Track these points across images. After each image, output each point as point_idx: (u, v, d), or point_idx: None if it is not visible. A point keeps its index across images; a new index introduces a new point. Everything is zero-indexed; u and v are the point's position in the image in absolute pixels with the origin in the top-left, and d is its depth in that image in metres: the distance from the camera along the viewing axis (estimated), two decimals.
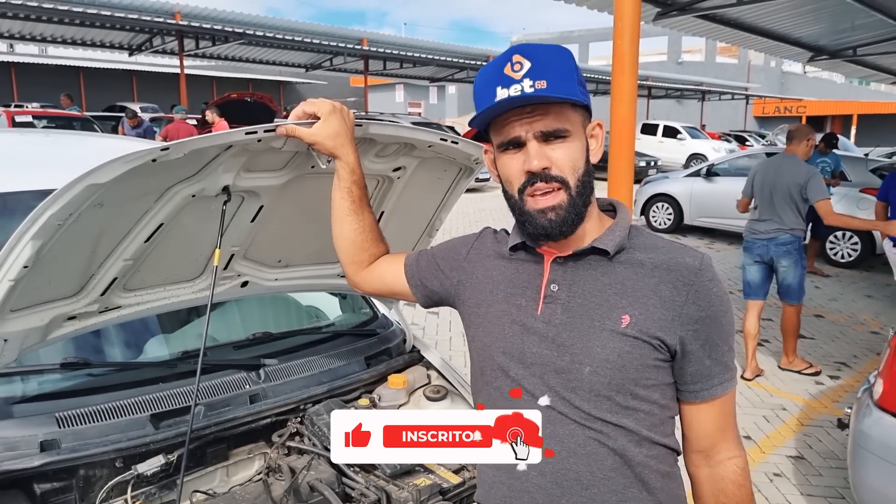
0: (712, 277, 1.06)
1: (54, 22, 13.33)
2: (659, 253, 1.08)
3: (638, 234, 1.12)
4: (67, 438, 1.49)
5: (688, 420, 1.11)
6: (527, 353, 1.08)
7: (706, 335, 1.05)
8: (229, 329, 2.17)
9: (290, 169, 1.52)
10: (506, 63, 1.02)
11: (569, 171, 1.03)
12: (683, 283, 1.04)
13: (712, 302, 1.04)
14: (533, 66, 1.00)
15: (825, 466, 3.56)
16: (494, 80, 1.02)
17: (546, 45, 1.05)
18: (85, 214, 1.27)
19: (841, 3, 6.80)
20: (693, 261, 1.06)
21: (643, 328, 1.02)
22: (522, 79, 1.00)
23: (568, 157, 1.03)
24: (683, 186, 10.33)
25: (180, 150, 1.20)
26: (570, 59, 1.05)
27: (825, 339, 5.74)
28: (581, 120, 1.06)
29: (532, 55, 1.01)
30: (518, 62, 1.01)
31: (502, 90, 1.01)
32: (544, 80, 1.00)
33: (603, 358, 1.03)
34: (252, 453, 1.80)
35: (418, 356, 2.22)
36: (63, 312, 1.50)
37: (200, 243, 1.59)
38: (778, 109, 36.78)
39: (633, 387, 1.03)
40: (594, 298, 1.05)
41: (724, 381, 1.08)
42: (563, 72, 1.02)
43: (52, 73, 23.16)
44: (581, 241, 1.09)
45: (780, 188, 4.45)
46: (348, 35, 17.33)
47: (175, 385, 1.71)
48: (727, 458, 1.10)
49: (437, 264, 1.29)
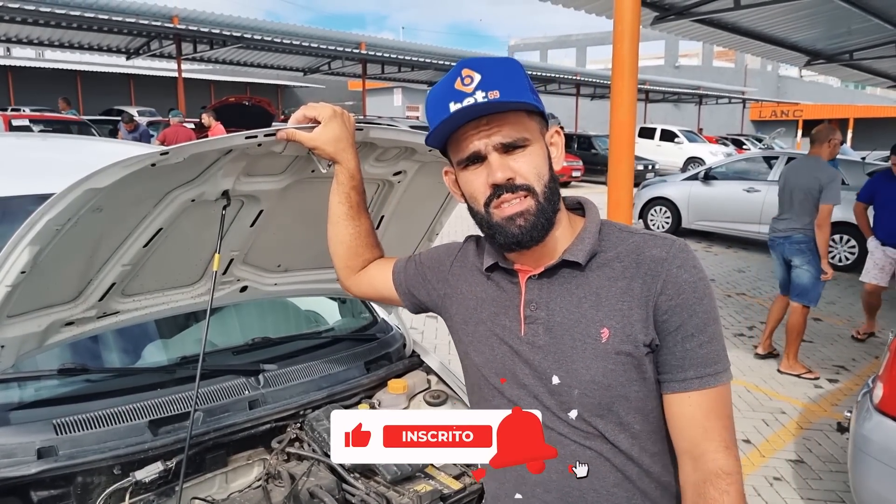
0: (682, 264, 1.02)
1: (51, 25, 13.31)
2: (629, 249, 1.06)
3: (608, 231, 1.10)
4: (65, 445, 1.48)
5: (667, 414, 1.06)
6: (519, 375, 1.08)
7: (678, 323, 1.01)
8: (228, 334, 2.16)
9: (290, 173, 1.52)
10: (456, 78, 1.01)
11: (534, 178, 1.02)
12: (652, 276, 1.02)
13: (682, 289, 1.01)
14: (483, 78, 1.00)
15: (825, 470, 3.56)
16: (446, 96, 1.01)
17: (494, 57, 1.05)
18: (83, 219, 1.26)
19: (837, 8, 6.82)
20: (660, 251, 1.03)
21: (624, 337, 1.01)
22: (474, 91, 0.99)
23: (531, 165, 1.02)
24: (681, 190, 10.34)
25: (180, 155, 1.19)
26: (519, 69, 1.04)
27: (823, 342, 5.74)
28: (538, 127, 1.05)
29: (482, 68, 1.01)
30: (468, 76, 1.00)
31: (455, 104, 1.00)
32: (496, 90, 0.99)
33: (589, 379, 1.02)
34: (251, 459, 1.78)
35: (418, 361, 2.21)
36: (61, 318, 1.48)
37: (200, 248, 1.58)
38: (774, 113, 36.91)
39: (625, 402, 1.03)
40: (572, 315, 1.04)
41: (702, 375, 1.01)
42: (514, 81, 1.01)
43: (49, 77, 23.13)
44: (553, 253, 1.07)
45: (799, 188, 4.56)
46: (346, 39, 17.34)
47: (174, 391, 1.70)
48: (712, 460, 1.01)
49: (423, 274, 1.29)
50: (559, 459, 1.05)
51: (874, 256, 5.29)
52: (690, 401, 1.02)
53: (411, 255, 1.36)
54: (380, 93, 32.61)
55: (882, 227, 5.22)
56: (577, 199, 1.17)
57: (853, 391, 4.64)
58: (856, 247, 8.17)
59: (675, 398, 1.03)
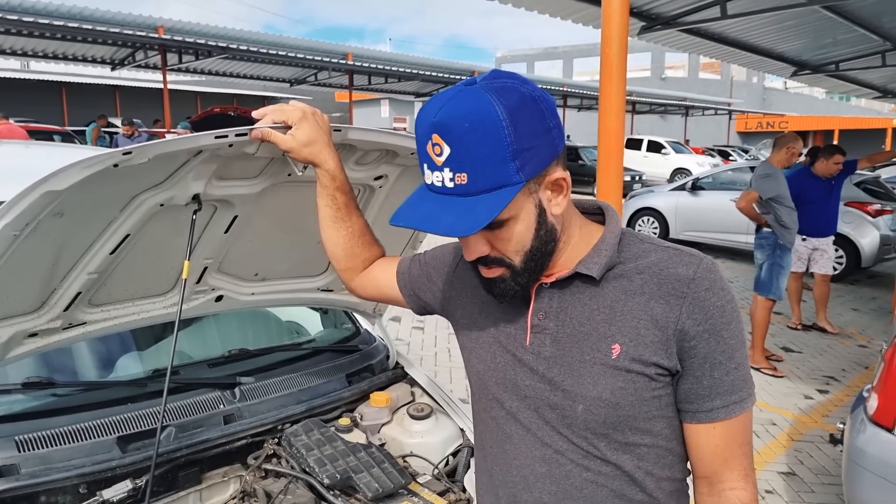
0: (710, 286, 0.94)
1: (35, 36, 13.19)
2: (650, 264, 0.98)
3: (629, 241, 1.02)
4: (28, 463, 1.41)
5: (688, 442, 1.01)
6: (520, 386, 1.02)
7: (705, 352, 0.94)
8: (205, 346, 2.09)
9: (266, 177, 1.45)
10: (427, 140, 0.89)
11: (511, 252, 0.95)
12: (676, 297, 0.94)
13: (710, 314, 0.93)
14: (452, 154, 0.87)
15: (817, 483, 3.51)
16: (422, 153, 0.92)
17: (470, 112, 0.86)
18: (43, 224, 1.19)
19: (823, 18, 6.87)
20: (686, 270, 0.95)
21: (635, 356, 0.94)
22: (443, 166, 0.88)
23: (509, 242, 0.94)
24: (668, 200, 10.36)
25: (144, 155, 1.13)
26: (498, 132, 0.85)
27: (813, 352, 5.72)
28: (526, 192, 0.91)
29: (451, 137, 0.86)
30: (437, 144, 0.88)
31: (428, 171, 0.91)
32: (464, 172, 0.87)
33: (595, 396, 0.95)
34: (227, 476, 1.71)
35: (402, 373, 2.15)
36: (23, 329, 1.41)
37: (171, 256, 1.51)
38: (760, 125, 37.30)
39: (631, 422, 0.96)
40: (582, 328, 0.97)
41: (728, 403, 0.96)
42: (490, 157, 0.86)
43: (35, 88, 22.93)
44: (567, 263, 1.00)
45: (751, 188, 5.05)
46: (332, 49, 17.29)
47: (144, 405, 1.63)
48: (729, 488, 0.99)
49: (428, 274, 1.23)
50: (553, 481, 1.00)
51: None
52: (714, 431, 0.97)
53: (415, 255, 1.29)
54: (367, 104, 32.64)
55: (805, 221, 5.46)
56: (597, 205, 1.09)
57: (844, 402, 4.61)
58: (843, 257, 8.20)
59: (699, 428, 0.98)
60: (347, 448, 1.71)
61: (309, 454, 1.64)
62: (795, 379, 5.06)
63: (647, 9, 6.46)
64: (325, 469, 1.61)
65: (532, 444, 1.02)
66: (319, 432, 1.73)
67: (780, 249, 4.88)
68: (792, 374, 5.13)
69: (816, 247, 5.84)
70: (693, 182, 10.38)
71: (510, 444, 1.04)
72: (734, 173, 10.83)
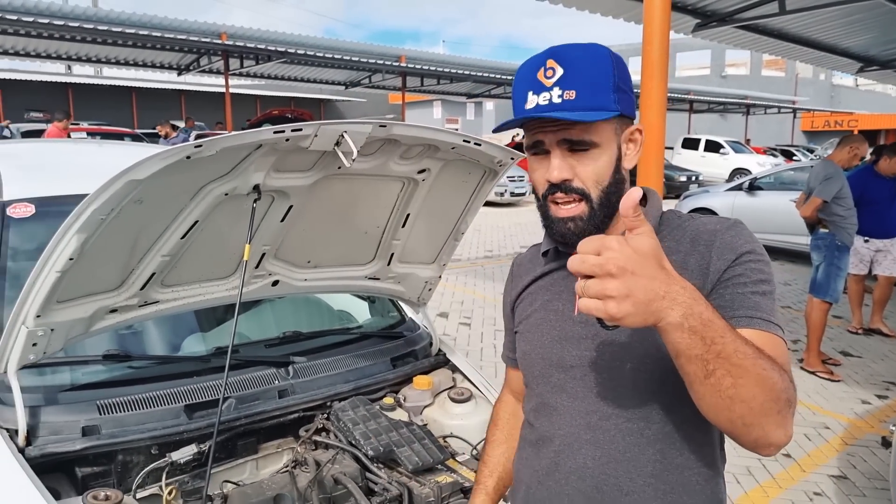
0: (737, 233, 1.00)
1: (108, 44, 13.93)
2: (687, 231, 1.04)
3: (670, 218, 1.08)
4: (107, 425, 1.57)
5: None
6: (566, 357, 1.07)
7: (730, 275, 0.97)
8: (262, 328, 2.25)
9: (318, 169, 1.58)
10: (540, 67, 1.00)
11: (591, 183, 1.01)
12: (706, 246, 1.00)
13: (735, 247, 0.98)
14: (565, 74, 0.98)
15: (869, 487, 3.43)
16: (527, 84, 1.01)
17: (585, 46, 1.01)
18: (125, 210, 1.35)
19: (891, 12, 6.61)
20: (714, 225, 1.02)
21: None
22: (553, 87, 0.98)
23: (591, 169, 1.01)
24: (724, 201, 10.10)
25: (212, 148, 1.27)
26: (606, 64, 1.00)
27: (874, 357, 5.53)
28: (614, 128, 1.02)
29: (566, 61, 0.99)
30: (551, 67, 0.99)
31: (533, 96, 1.00)
32: (574, 89, 0.97)
33: (643, 352, 1.00)
34: (281, 448, 1.85)
35: (444, 359, 2.25)
36: (105, 305, 1.58)
37: (233, 242, 1.66)
38: (828, 123, 35.72)
39: (675, 378, 0.94)
40: None
41: (752, 315, 0.94)
42: (597, 81, 0.99)
43: (107, 93, 24.21)
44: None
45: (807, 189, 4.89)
46: (386, 52, 17.59)
47: (208, 378, 1.79)
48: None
49: (509, 328, 1.29)
50: (597, 446, 1.03)
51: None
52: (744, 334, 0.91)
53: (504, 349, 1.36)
54: (420, 105, 32.90)
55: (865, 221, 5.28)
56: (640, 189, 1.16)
57: None
58: None
59: None
60: (391, 424, 1.82)
61: (355, 428, 1.77)
62: (853, 383, 4.91)
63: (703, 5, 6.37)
64: (370, 442, 1.73)
65: (577, 413, 1.06)
66: (365, 409, 1.85)
67: (837, 251, 4.77)
68: (849, 379, 4.98)
69: (880, 248, 5.66)
70: (751, 182, 10.09)
71: (557, 415, 1.09)
72: (795, 173, 10.48)
